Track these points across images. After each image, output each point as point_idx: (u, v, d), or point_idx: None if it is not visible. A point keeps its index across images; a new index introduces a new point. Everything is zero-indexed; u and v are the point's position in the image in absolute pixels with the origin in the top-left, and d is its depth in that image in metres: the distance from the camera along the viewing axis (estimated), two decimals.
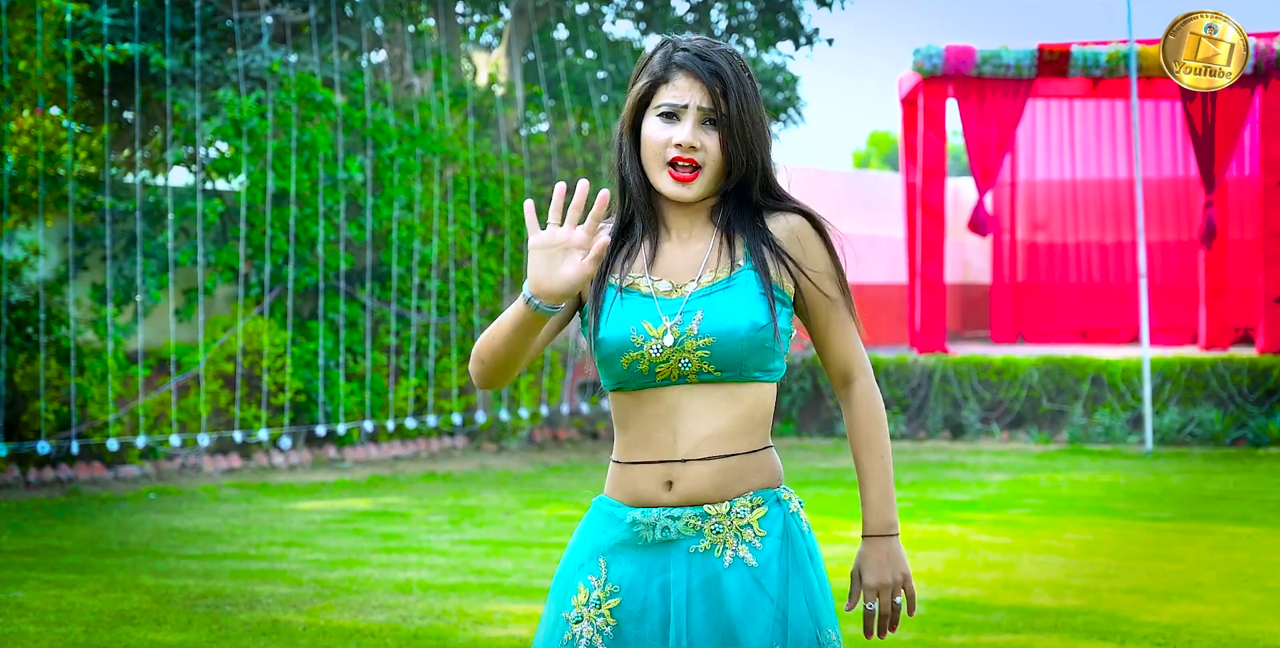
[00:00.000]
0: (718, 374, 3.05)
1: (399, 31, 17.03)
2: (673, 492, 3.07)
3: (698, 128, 3.08)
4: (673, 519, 3.07)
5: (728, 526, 3.06)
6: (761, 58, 19.60)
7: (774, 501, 3.11)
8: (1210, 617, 7.83)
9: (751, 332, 3.03)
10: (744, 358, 3.04)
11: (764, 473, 3.12)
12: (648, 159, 3.12)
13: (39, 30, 12.81)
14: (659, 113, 3.10)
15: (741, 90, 3.10)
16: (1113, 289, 22.26)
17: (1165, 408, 16.45)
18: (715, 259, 3.12)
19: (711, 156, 3.09)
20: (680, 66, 3.11)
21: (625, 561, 3.10)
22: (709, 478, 3.06)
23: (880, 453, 3.18)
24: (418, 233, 15.67)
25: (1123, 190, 22.15)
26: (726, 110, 3.08)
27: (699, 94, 3.09)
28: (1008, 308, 22.33)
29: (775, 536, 3.08)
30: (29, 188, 13.11)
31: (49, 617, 7.81)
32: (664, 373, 3.06)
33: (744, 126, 3.09)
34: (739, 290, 3.07)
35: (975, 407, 17.17)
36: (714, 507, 3.06)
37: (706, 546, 3.06)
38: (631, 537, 3.09)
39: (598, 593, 3.10)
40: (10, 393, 13.03)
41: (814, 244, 3.14)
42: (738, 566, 3.05)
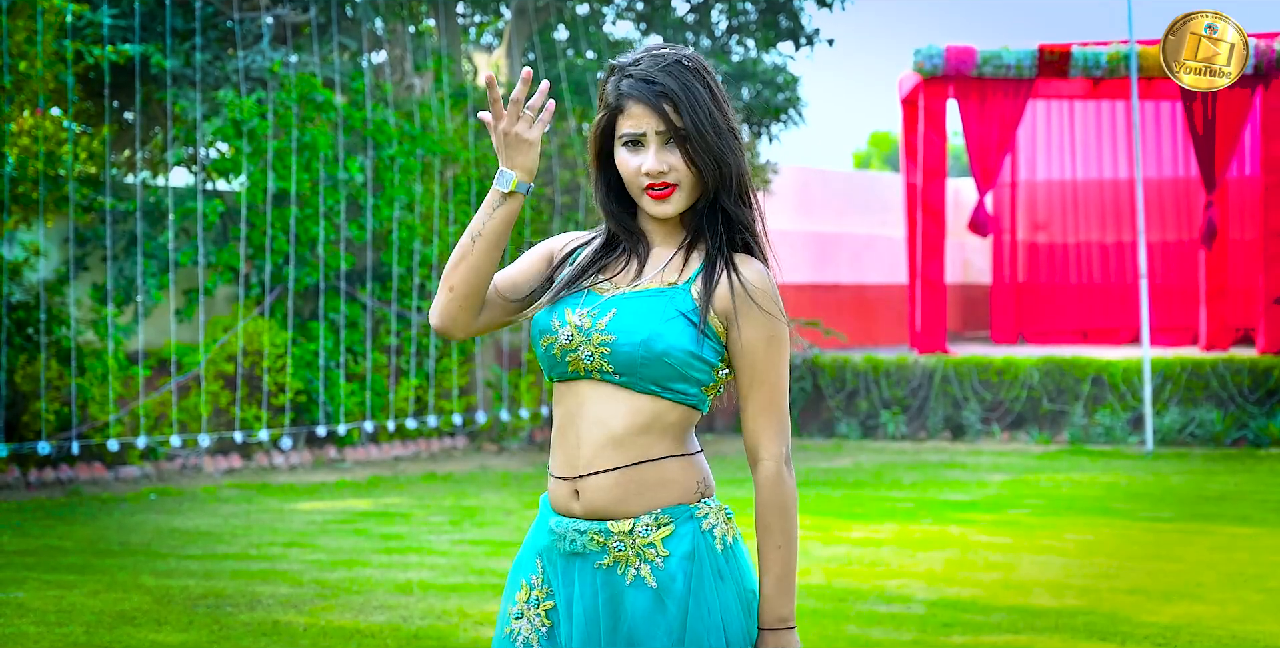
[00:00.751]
0: (616, 376, 3.06)
1: (399, 32, 17.04)
2: (579, 502, 3.09)
3: (661, 151, 3.10)
4: (579, 533, 3.09)
5: (629, 544, 3.06)
6: (762, 58, 19.59)
7: (685, 518, 3.07)
8: (1210, 617, 7.84)
9: (650, 340, 3.02)
10: (639, 366, 3.03)
11: (671, 488, 3.08)
12: (630, 187, 3.15)
13: (39, 31, 12.82)
14: (624, 142, 3.13)
15: (693, 102, 3.08)
16: (1113, 289, 22.27)
17: (1166, 408, 16.45)
18: (669, 267, 3.15)
19: (682, 173, 3.11)
20: (628, 95, 3.12)
21: (553, 564, 3.15)
22: (608, 491, 3.06)
23: (780, 542, 3.06)
24: (418, 233, 15.68)
25: (1123, 191, 22.16)
26: (681, 125, 3.08)
27: (652, 119, 3.09)
28: (1008, 308, 22.34)
29: (681, 556, 3.05)
30: (30, 188, 13.11)
31: (50, 617, 7.81)
32: (573, 364, 3.09)
33: (703, 137, 3.08)
34: (662, 302, 3.07)
35: (976, 407, 17.17)
36: (616, 524, 3.06)
37: (610, 562, 3.07)
38: (552, 542, 3.14)
39: (536, 592, 3.15)
40: (11, 393, 13.04)
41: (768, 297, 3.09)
42: (639, 584, 3.04)
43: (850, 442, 17.20)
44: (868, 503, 12.25)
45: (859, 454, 16.02)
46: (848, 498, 12.55)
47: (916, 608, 8.03)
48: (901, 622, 7.71)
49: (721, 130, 3.11)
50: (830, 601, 8.19)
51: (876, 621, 7.74)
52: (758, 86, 19.36)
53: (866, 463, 15.18)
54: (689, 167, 3.10)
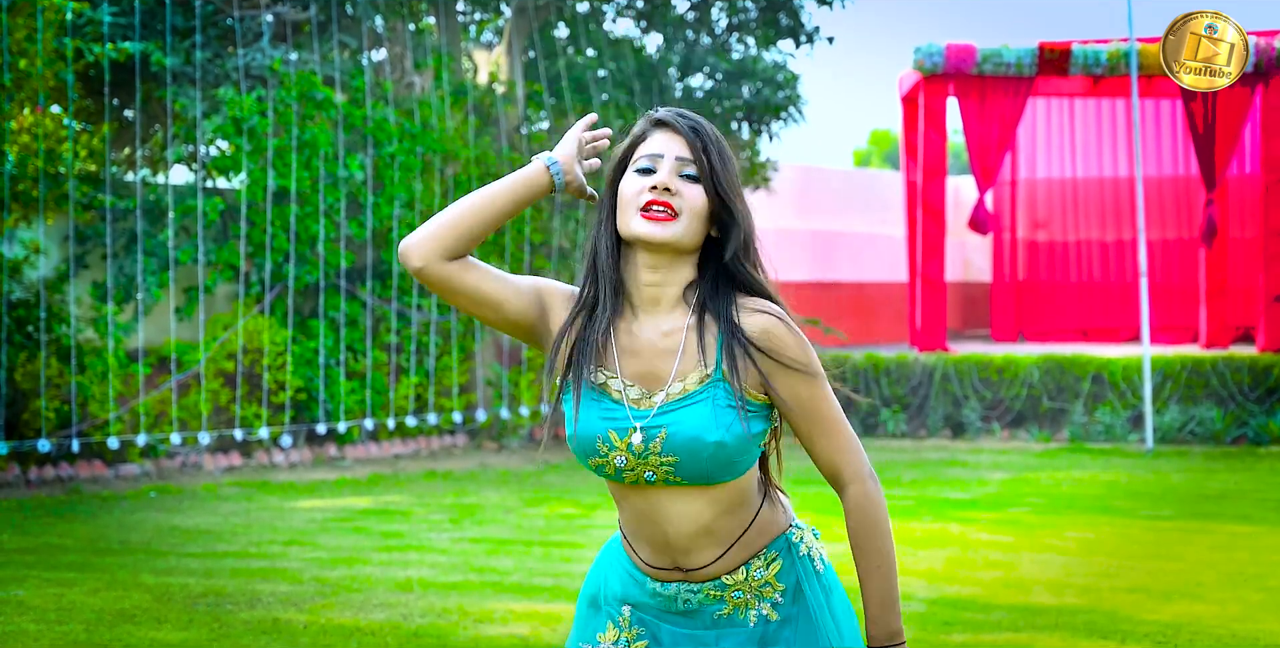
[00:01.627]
0: (684, 483, 3.02)
1: (399, 30, 17.03)
2: (686, 574, 3.08)
3: (675, 175, 3.03)
4: (693, 593, 3.08)
5: (747, 589, 3.08)
6: (762, 56, 19.58)
7: (785, 548, 3.11)
8: (1211, 616, 7.84)
9: (716, 450, 2.97)
10: (709, 472, 3.00)
11: (768, 532, 3.11)
12: (621, 213, 3.04)
13: (39, 28, 12.81)
14: (637, 168, 3.05)
15: (720, 149, 3.05)
16: (1113, 288, 22.27)
17: (1166, 406, 16.45)
18: (687, 361, 3.02)
19: (690, 205, 3.02)
20: (660, 122, 3.09)
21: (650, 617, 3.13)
22: (716, 564, 3.07)
23: (878, 562, 3.08)
24: None
25: (1123, 189, 22.16)
26: (708, 162, 3.03)
27: (677, 145, 3.04)
28: (1008, 306, 22.35)
29: (792, 586, 3.09)
30: (30, 186, 13.11)
31: (50, 615, 7.81)
32: (631, 478, 3.03)
33: (725, 181, 3.03)
34: (706, 406, 2.98)
35: (976, 405, 17.17)
36: (730, 576, 3.07)
37: (729, 611, 3.08)
38: (654, 603, 3.12)
39: (625, 634, 3.13)
40: (11, 391, 13.03)
41: (787, 345, 3.02)
42: (762, 622, 3.08)
43: None
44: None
45: None
46: None
47: (917, 606, 8.03)
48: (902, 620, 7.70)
49: (737, 187, 3.07)
50: None
51: None
52: (758, 84, 19.35)
53: None
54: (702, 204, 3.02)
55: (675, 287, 3.06)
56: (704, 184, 3.03)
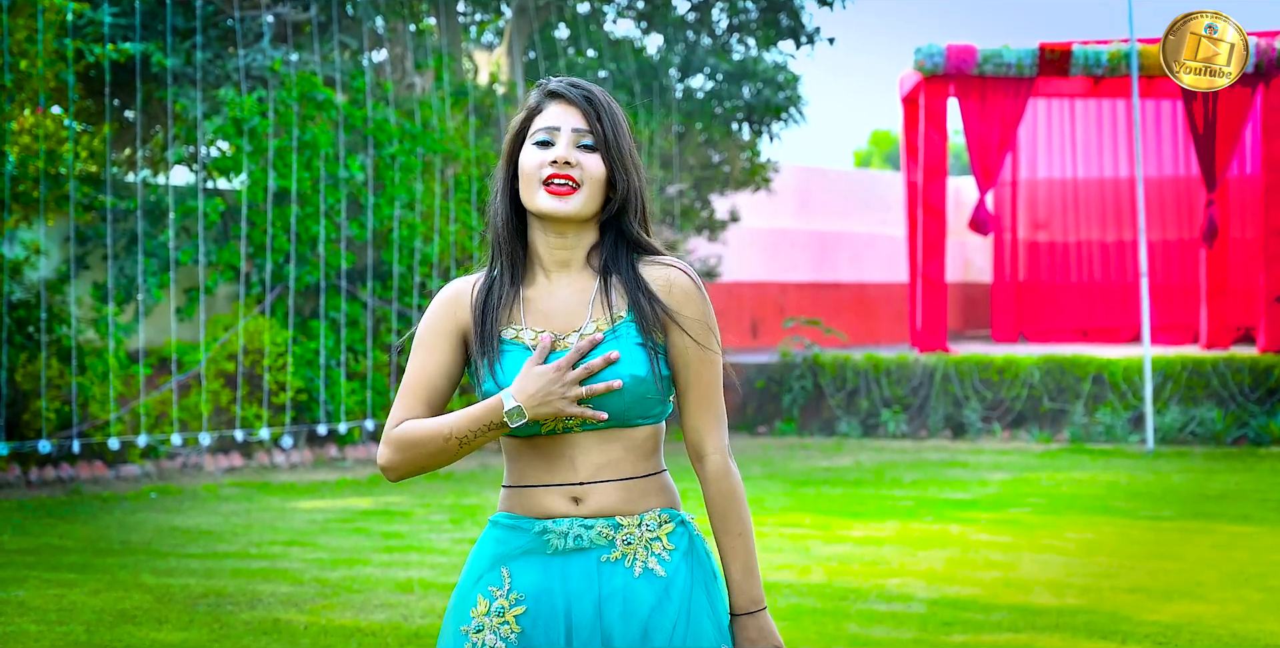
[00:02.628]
0: (600, 424, 3.07)
1: (400, 30, 17.04)
2: (582, 506, 3.10)
3: (573, 148, 3.11)
4: (586, 528, 3.09)
5: (638, 537, 3.10)
6: (763, 57, 19.59)
7: (679, 521, 3.15)
8: (1211, 616, 7.83)
9: (632, 384, 3.05)
10: (627, 408, 3.06)
11: (664, 494, 3.15)
12: (524, 187, 3.12)
13: (40, 29, 12.82)
14: (534, 141, 3.13)
15: (614, 116, 3.13)
16: (1114, 288, 22.27)
17: (1166, 407, 16.45)
18: (596, 308, 3.12)
19: (590, 175, 3.10)
20: (553, 94, 3.15)
21: (530, 569, 3.11)
22: (615, 494, 3.10)
23: (739, 530, 3.16)
24: (419, 232, 15.68)
25: (1124, 189, 22.17)
26: (602, 130, 3.11)
27: (572, 117, 3.12)
28: (1009, 307, 22.35)
29: (681, 552, 3.12)
30: (30, 187, 13.11)
31: (50, 616, 7.81)
32: (549, 425, 3.08)
33: (620, 148, 3.12)
34: (620, 343, 3.07)
35: (976, 406, 17.17)
36: (626, 518, 3.10)
37: (617, 555, 3.10)
38: (539, 545, 3.11)
39: (500, 602, 3.11)
40: (11, 392, 13.04)
41: (691, 298, 3.13)
42: (647, 576, 3.09)
43: (851, 440, 17.20)
44: (868, 502, 12.25)
45: (860, 453, 16.02)
46: (848, 497, 12.55)
47: (917, 607, 8.03)
48: (902, 621, 7.71)
49: (633, 151, 3.16)
50: (831, 599, 8.19)
51: (877, 619, 7.75)
52: (758, 85, 19.36)
53: (867, 462, 15.18)
54: (601, 172, 3.10)
55: (582, 249, 3.16)
56: (600, 153, 3.11)
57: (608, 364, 3.02)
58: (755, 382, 17.98)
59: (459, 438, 3.07)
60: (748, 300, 22.05)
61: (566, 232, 3.14)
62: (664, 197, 19.03)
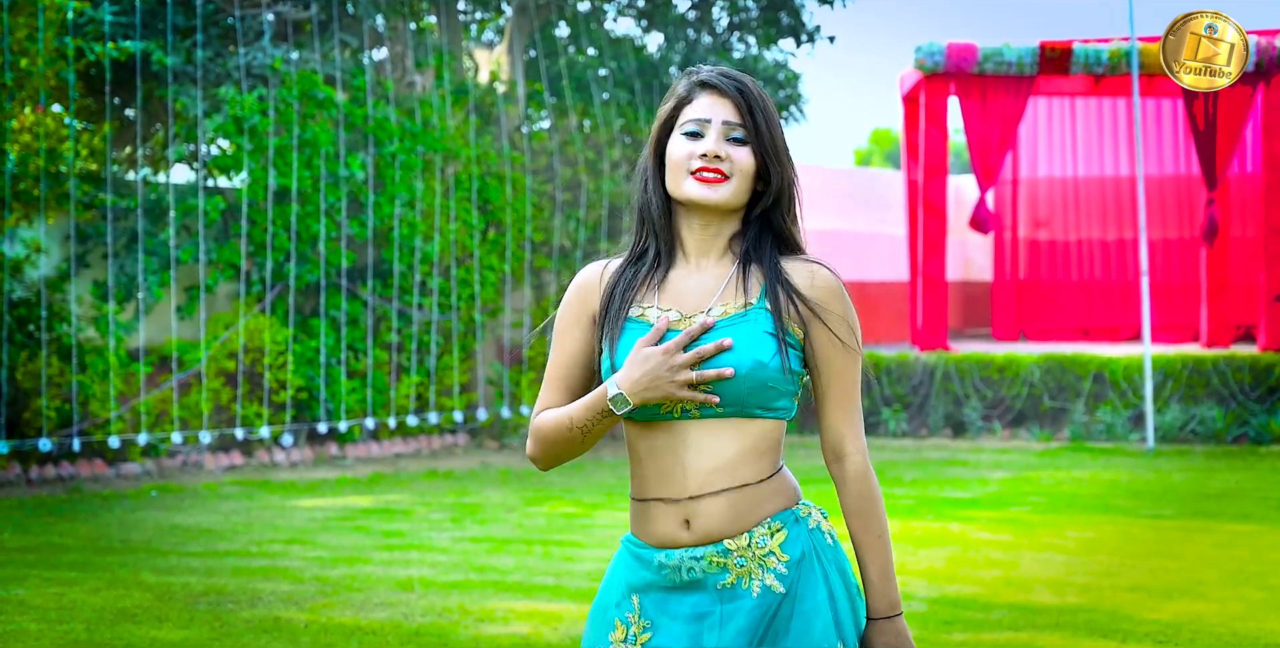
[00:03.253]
0: (721, 410, 3.04)
1: (400, 29, 17.03)
2: (691, 531, 3.07)
3: (723, 141, 3.09)
4: (696, 560, 3.07)
5: (750, 557, 3.07)
6: (763, 55, 19.59)
7: (792, 521, 3.11)
8: (1212, 615, 7.84)
9: (755, 370, 3.01)
10: (746, 395, 3.03)
11: (779, 497, 3.11)
12: (671, 176, 3.11)
13: (40, 27, 12.81)
14: (684, 132, 3.11)
15: (766, 108, 3.12)
16: (1114, 287, 22.26)
17: (1167, 406, 16.44)
18: (729, 292, 3.11)
19: (739, 167, 3.09)
20: (705, 85, 3.14)
21: (656, 599, 3.11)
22: (722, 513, 3.06)
23: (878, 532, 3.14)
24: (419, 230, 15.68)
25: (1124, 188, 22.15)
26: (754, 124, 3.10)
27: (723, 109, 3.11)
28: (1009, 305, 22.33)
29: (797, 558, 3.08)
30: (31, 185, 13.11)
31: (50, 614, 7.82)
32: (668, 407, 3.06)
33: (774, 140, 3.11)
34: (747, 327, 3.05)
35: (977, 404, 17.17)
36: (733, 541, 3.07)
37: (733, 580, 3.07)
38: (660, 578, 3.10)
39: (634, 628, 3.12)
40: (12, 390, 13.04)
41: (835, 294, 3.11)
42: (765, 593, 3.05)
43: None
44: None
45: None
46: None
47: (918, 606, 8.03)
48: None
49: (783, 144, 3.14)
50: None
51: None
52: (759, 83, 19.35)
53: None
54: (751, 163, 3.09)
55: (724, 237, 3.15)
56: (751, 145, 3.11)
57: (720, 350, 2.99)
58: None
59: (580, 427, 3.07)
60: None
61: (711, 220, 3.13)
62: None
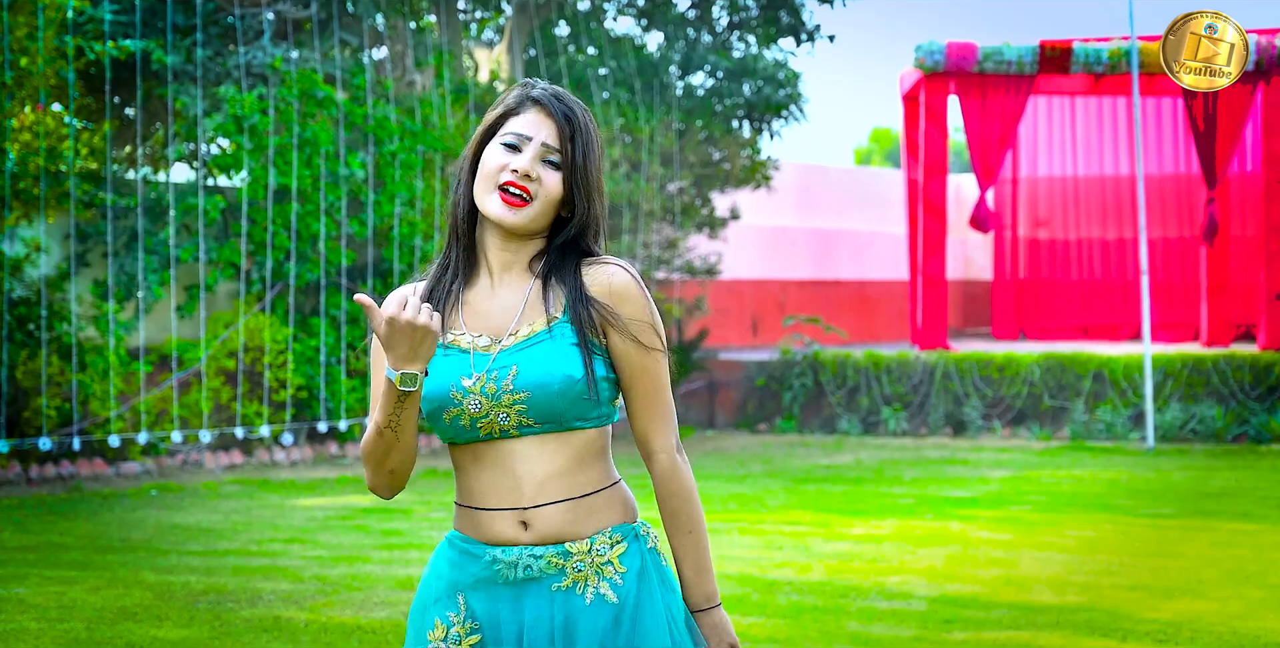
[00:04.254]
0: (538, 427, 3.05)
1: (400, 28, 17.03)
2: (530, 532, 3.07)
3: (538, 161, 3.08)
4: (535, 558, 3.07)
5: (589, 562, 3.07)
6: (763, 54, 19.59)
7: (632, 536, 3.12)
8: (1212, 614, 7.84)
9: (566, 385, 3.02)
10: (561, 411, 3.04)
11: (615, 508, 3.12)
12: (479, 184, 3.11)
13: (40, 26, 12.81)
14: (503, 142, 3.10)
15: (588, 139, 3.11)
16: (1114, 286, 22.27)
17: (1167, 405, 16.45)
18: (532, 311, 3.10)
19: (546, 192, 3.08)
20: (535, 101, 3.12)
21: (484, 597, 3.10)
22: (562, 517, 3.07)
23: (690, 528, 3.14)
24: (419, 229, 15.67)
25: (1124, 187, 22.16)
26: (570, 153, 3.09)
27: (546, 130, 3.10)
28: (1009, 304, 22.35)
29: (635, 572, 3.09)
30: (31, 184, 13.11)
31: (51, 613, 7.82)
32: (486, 428, 3.06)
33: (587, 172, 3.10)
34: (554, 343, 3.05)
35: (977, 403, 17.17)
36: (575, 544, 3.07)
37: (569, 583, 3.07)
38: (491, 575, 3.09)
39: (457, 629, 3.10)
40: (12, 389, 13.04)
41: (630, 296, 3.11)
42: (599, 603, 3.06)
43: (851, 438, 17.20)
44: (869, 499, 12.26)
45: (860, 450, 16.02)
46: (849, 494, 12.55)
47: (917, 604, 8.03)
48: (902, 618, 7.71)
49: (598, 177, 3.13)
50: (831, 597, 8.19)
51: (877, 617, 7.75)
52: (759, 83, 19.35)
53: (867, 459, 15.19)
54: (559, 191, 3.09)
55: (526, 254, 3.15)
56: (564, 173, 3.09)
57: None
58: (755, 379, 17.98)
59: (387, 426, 3.01)
60: (748, 298, 22.05)
61: (512, 239, 3.13)
62: (664, 194, 19.03)
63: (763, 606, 7.90)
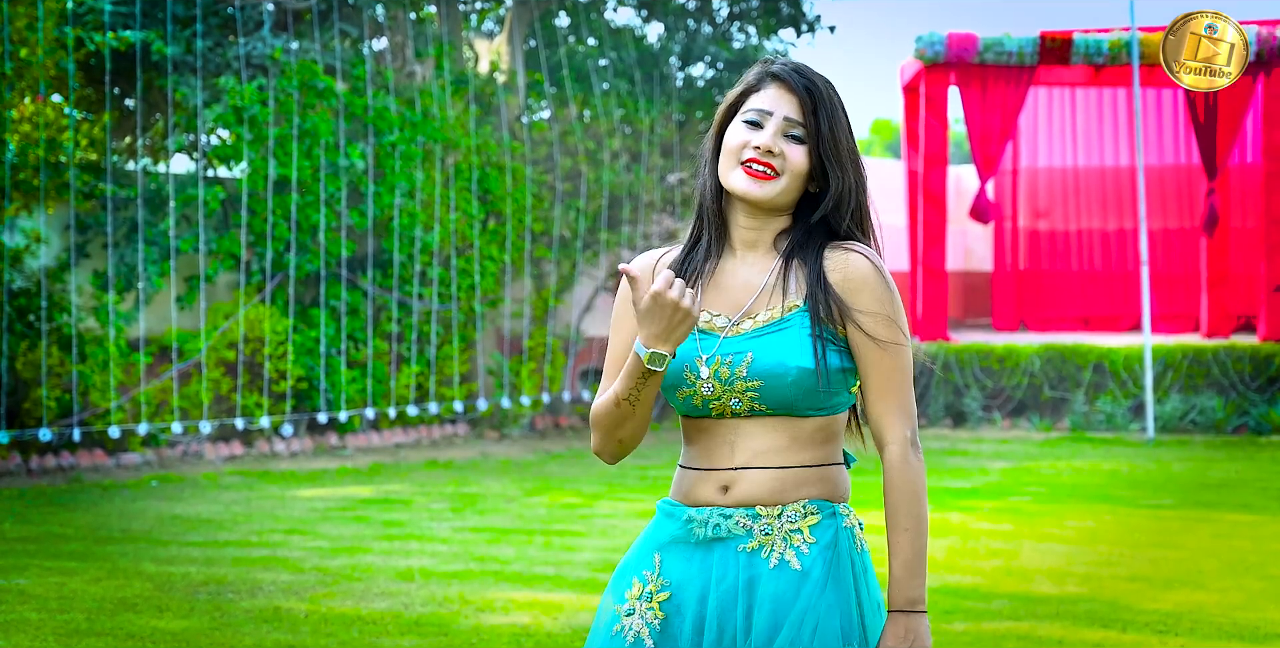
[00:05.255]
0: (770, 412, 3.05)
1: (400, 19, 17.01)
2: (728, 495, 3.08)
3: (780, 136, 3.06)
4: (724, 517, 3.07)
5: (777, 527, 3.07)
6: (763, 45, 19.57)
7: (829, 513, 3.11)
8: (1211, 604, 7.84)
9: (799, 376, 3.02)
10: (794, 400, 3.04)
11: (823, 485, 3.12)
12: (723, 162, 3.09)
13: (40, 17, 12.80)
14: (744, 119, 3.09)
15: (832, 110, 3.09)
16: (1115, 277, 22.25)
17: (1167, 396, 16.44)
18: (770, 295, 3.09)
19: (791, 166, 3.06)
20: (774, 76, 3.11)
21: (678, 557, 3.11)
22: (764, 484, 3.07)
23: (907, 525, 3.11)
24: (419, 220, 15.67)
25: (1125, 178, 22.13)
26: (815, 125, 3.07)
27: (787, 104, 3.08)
28: (1010, 295, 22.32)
29: (824, 545, 3.08)
30: (30, 175, 13.10)
31: (51, 604, 7.82)
32: (718, 409, 3.07)
33: (835, 143, 3.07)
34: (791, 333, 3.03)
35: (977, 394, 17.17)
36: (766, 509, 3.07)
37: (755, 545, 3.07)
38: (685, 534, 3.10)
39: (650, 587, 3.12)
40: (12, 380, 13.04)
41: (868, 285, 3.09)
42: (782, 568, 3.05)
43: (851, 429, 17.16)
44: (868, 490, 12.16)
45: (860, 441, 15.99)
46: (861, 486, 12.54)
47: None
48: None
49: (846, 149, 3.10)
50: None
51: None
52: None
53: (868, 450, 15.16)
54: (804, 164, 3.06)
55: (770, 232, 3.14)
56: (808, 146, 3.08)
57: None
58: None
59: (626, 399, 3.03)
60: None
61: (756, 215, 3.11)
62: (664, 185, 19.02)
63: None
